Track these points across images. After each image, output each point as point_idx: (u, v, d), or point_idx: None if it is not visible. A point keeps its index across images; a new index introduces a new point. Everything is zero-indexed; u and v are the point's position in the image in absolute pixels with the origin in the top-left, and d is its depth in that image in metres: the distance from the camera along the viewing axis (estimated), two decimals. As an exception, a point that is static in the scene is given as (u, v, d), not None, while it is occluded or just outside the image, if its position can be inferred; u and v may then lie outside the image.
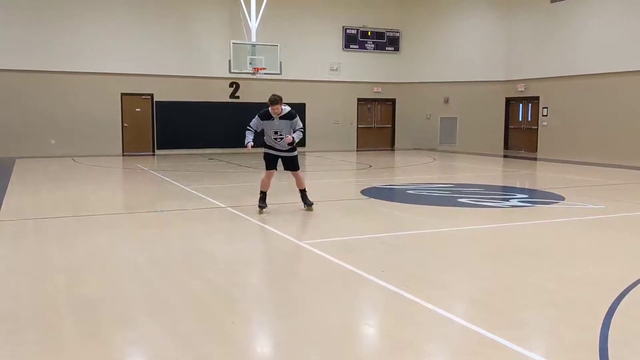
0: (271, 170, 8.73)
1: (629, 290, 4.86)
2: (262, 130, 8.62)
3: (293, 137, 8.44)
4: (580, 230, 7.73)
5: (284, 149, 8.60)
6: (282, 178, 10.68)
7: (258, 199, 8.70)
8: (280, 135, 8.48)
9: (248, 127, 8.61)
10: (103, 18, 19.90)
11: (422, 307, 4.47)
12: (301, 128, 8.62)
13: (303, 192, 8.84)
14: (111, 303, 4.62)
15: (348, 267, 5.57)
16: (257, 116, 8.58)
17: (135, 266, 5.78)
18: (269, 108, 8.42)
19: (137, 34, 20.35)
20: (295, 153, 8.77)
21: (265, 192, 8.69)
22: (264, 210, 8.59)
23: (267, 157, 8.73)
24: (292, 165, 8.77)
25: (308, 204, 8.76)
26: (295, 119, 8.57)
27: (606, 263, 5.98)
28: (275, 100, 8.36)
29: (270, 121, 8.48)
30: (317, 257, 6.06)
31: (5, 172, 14.42)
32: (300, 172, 8.85)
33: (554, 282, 5.20)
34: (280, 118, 8.45)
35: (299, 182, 8.83)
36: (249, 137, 8.60)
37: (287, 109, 8.52)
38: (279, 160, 8.74)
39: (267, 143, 8.65)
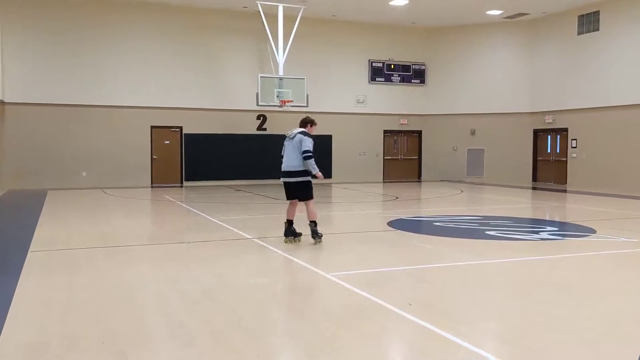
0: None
1: (665, 327, 4.71)
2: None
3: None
4: (613, 263, 7.55)
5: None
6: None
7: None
8: None
9: (312, 153, 8.44)
10: (134, 52, 20.41)
11: (451, 342, 4.39)
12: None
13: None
14: (137, 336, 4.63)
15: (375, 300, 5.51)
16: (310, 139, 8.52)
17: (161, 299, 5.80)
18: (311, 129, 8.70)
19: (167, 69, 20.80)
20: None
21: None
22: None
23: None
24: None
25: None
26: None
27: (640, 298, 5.82)
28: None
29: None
30: (344, 290, 6.01)
31: (37, 203, 14.71)
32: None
33: (586, 318, 5.08)
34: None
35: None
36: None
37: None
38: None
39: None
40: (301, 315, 5.39)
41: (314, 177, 8.55)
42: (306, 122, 8.84)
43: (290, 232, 8.69)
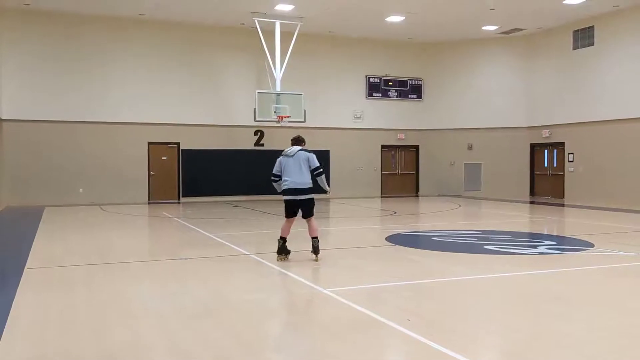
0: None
1: (665, 341, 4.69)
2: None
3: None
4: (612, 278, 7.53)
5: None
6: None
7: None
8: None
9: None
10: (131, 69, 20.48)
11: (450, 358, 4.36)
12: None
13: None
14: (134, 352, 4.59)
15: (373, 316, 5.48)
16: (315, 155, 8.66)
17: (159, 315, 5.76)
18: (304, 146, 8.72)
19: (164, 85, 20.84)
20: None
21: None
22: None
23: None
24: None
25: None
26: None
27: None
28: None
29: None
30: (342, 305, 5.98)
31: (34, 220, 14.65)
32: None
33: (586, 332, 5.05)
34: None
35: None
36: None
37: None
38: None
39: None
40: (299, 330, 5.35)
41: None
42: (300, 140, 8.82)
43: (284, 250, 8.55)
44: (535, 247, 10.21)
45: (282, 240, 8.55)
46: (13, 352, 4.56)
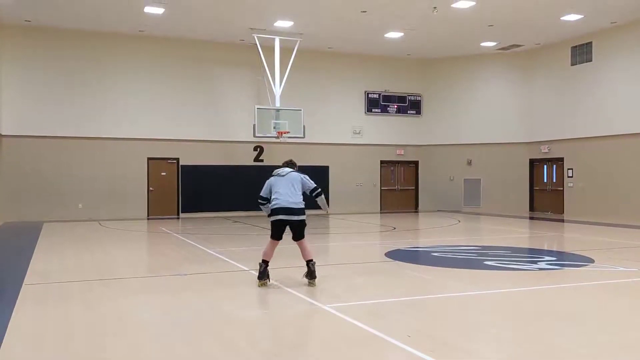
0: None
1: (667, 357, 4.66)
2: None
3: None
4: (612, 294, 7.50)
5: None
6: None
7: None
8: None
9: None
10: (131, 85, 20.56)
11: (450, 375, 4.33)
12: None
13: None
14: (133, 369, 4.56)
15: (373, 332, 5.45)
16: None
17: (158, 331, 5.73)
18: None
19: (164, 101, 20.92)
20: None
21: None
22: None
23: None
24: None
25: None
26: None
27: (641, 328, 5.77)
28: None
29: None
30: (341, 322, 5.95)
31: (33, 235, 14.62)
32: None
33: (586, 349, 5.02)
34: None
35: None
36: None
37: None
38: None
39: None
40: (299, 346, 5.32)
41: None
42: (293, 164, 8.53)
43: (266, 274, 7.97)
44: (535, 262, 10.17)
45: (265, 264, 8.00)
46: (10, 369, 4.53)
